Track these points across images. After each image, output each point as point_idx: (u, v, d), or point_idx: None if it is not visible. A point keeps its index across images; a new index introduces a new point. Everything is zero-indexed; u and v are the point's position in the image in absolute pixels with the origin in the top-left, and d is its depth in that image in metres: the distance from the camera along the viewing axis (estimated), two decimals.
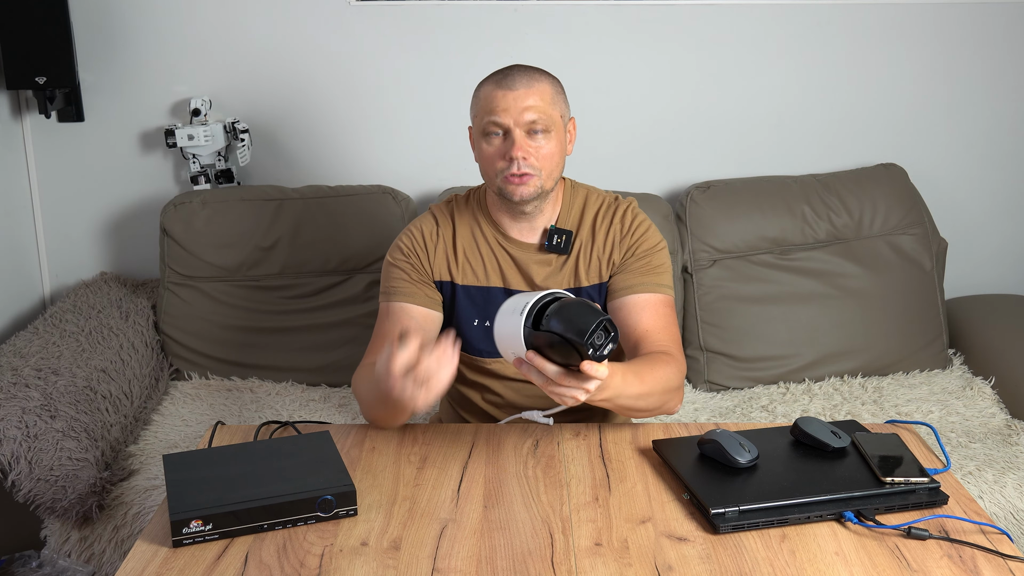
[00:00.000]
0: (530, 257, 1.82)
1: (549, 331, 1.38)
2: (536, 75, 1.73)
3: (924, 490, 1.43)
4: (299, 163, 2.81)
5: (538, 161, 1.71)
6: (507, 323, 1.43)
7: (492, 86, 1.73)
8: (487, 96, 1.73)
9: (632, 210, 1.85)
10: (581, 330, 1.36)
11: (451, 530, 1.39)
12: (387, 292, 1.82)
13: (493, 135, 1.73)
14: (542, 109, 1.70)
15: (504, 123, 1.70)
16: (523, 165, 1.70)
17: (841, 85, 2.81)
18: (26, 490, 1.96)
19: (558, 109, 1.74)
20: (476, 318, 1.83)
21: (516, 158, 1.69)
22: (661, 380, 1.64)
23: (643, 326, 1.76)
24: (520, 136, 1.70)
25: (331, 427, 1.71)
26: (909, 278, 2.67)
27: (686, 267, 2.64)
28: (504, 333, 1.44)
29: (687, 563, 1.31)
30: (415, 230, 1.85)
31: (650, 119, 2.81)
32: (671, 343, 1.75)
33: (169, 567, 1.31)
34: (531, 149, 1.71)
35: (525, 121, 1.70)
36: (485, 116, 1.73)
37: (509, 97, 1.70)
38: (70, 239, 2.84)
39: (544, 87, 1.72)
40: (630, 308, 1.78)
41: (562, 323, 1.37)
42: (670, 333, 1.77)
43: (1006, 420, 2.42)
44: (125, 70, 2.73)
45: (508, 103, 1.70)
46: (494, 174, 1.74)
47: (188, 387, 2.56)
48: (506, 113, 1.70)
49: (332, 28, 2.72)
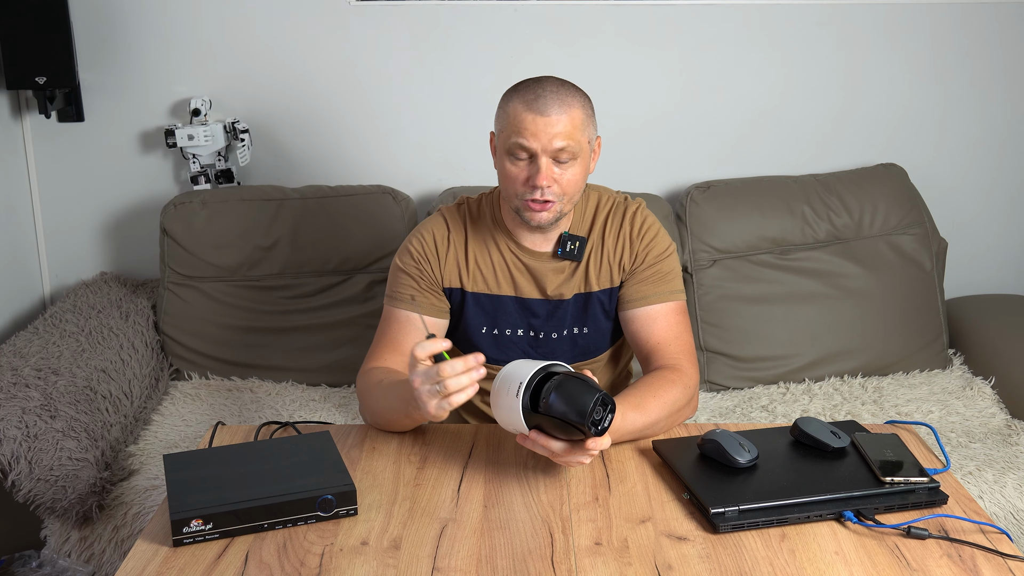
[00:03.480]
0: (544, 266, 1.80)
1: (549, 415, 1.40)
2: (568, 99, 1.66)
3: (924, 490, 1.43)
4: (299, 163, 2.82)
5: (561, 187, 1.68)
6: (505, 403, 1.44)
7: (523, 106, 1.65)
8: (516, 116, 1.66)
9: (640, 212, 1.83)
10: (581, 411, 1.38)
11: (451, 530, 1.39)
12: (393, 296, 1.80)
13: (518, 157, 1.68)
14: (571, 136, 1.65)
15: (532, 148, 1.65)
16: (547, 193, 1.67)
17: (841, 85, 2.81)
18: (26, 490, 1.96)
19: (587, 135, 1.70)
20: (484, 326, 1.83)
21: (540, 187, 1.66)
22: (667, 405, 1.64)
23: (655, 338, 1.76)
24: (546, 164, 1.66)
25: (331, 427, 1.71)
26: (909, 278, 2.67)
27: (686, 267, 2.64)
28: (504, 413, 1.46)
29: (687, 563, 1.31)
30: (426, 234, 1.82)
31: (650, 119, 2.82)
32: (682, 354, 1.74)
33: (169, 567, 1.31)
34: (556, 175, 1.67)
35: (553, 149, 1.65)
36: (512, 136, 1.66)
37: (539, 122, 1.64)
38: (70, 239, 2.84)
39: (576, 112, 1.66)
40: (643, 320, 1.78)
41: (561, 406, 1.39)
42: (683, 343, 1.76)
43: (1006, 420, 2.42)
44: (125, 70, 2.73)
45: (538, 128, 1.64)
46: (514, 195, 1.71)
47: (188, 387, 2.56)
48: (535, 138, 1.64)
49: (332, 28, 2.72)
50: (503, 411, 1.46)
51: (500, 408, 1.46)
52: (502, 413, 1.46)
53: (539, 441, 1.44)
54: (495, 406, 1.47)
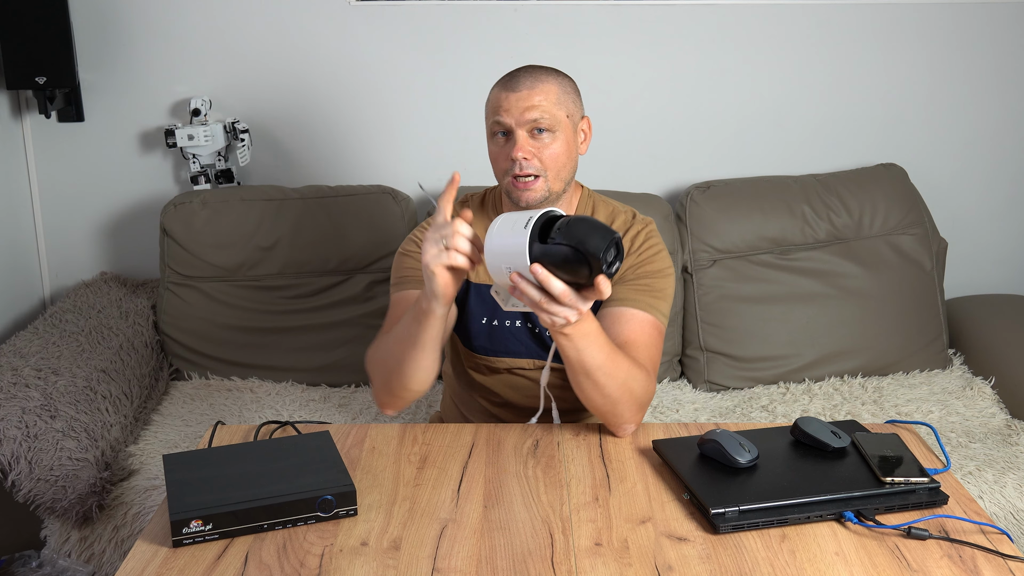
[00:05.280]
0: None
1: (562, 244, 1.33)
2: (543, 75, 1.72)
3: (924, 490, 1.43)
4: (299, 163, 2.82)
5: (542, 161, 1.70)
6: (507, 238, 1.38)
7: (499, 88, 1.73)
8: (494, 97, 1.73)
9: (646, 232, 1.81)
10: (597, 245, 1.32)
11: (451, 530, 1.39)
12: (400, 282, 1.79)
13: (498, 135, 1.73)
14: (545, 108, 1.69)
15: (507, 123, 1.70)
16: (526, 166, 1.69)
17: (841, 85, 2.81)
18: (26, 490, 1.96)
19: (564, 109, 1.72)
20: (485, 316, 1.83)
21: (517, 158, 1.69)
22: (626, 371, 1.58)
23: (625, 336, 1.69)
24: (522, 136, 1.69)
25: (331, 427, 1.71)
26: (909, 278, 2.67)
27: (686, 267, 2.64)
28: (503, 247, 1.39)
29: (687, 563, 1.31)
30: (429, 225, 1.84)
31: (650, 119, 2.82)
32: (648, 362, 1.68)
33: (169, 567, 1.31)
34: (534, 149, 1.69)
35: (527, 120, 1.69)
36: (491, 116, 1.73)
37: (512, 98, 1.70)
38: (70, 239, 2.84)
39: (549, 87, 1.71)
40: (617, 317, 1.72)
41: (576, 238, 1.33)
42: (650, 353, 1.70)
43: (1006, 420, 2.42)
44: (125, 70, 2.73)
45: (511, 104, 1.69)
46: (501, 175, 1.74)
47: (188, 387, 2.56)
48: (508, 113, 1.70)
49: (332, 28, 2.72)
50: (501, 245, 1.38)
51: (498, 243, 1.39)
52: (499, 247, 1.39)
53: (540, 276, 1.37)
54: (491, 245, 1.41)
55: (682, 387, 2.62)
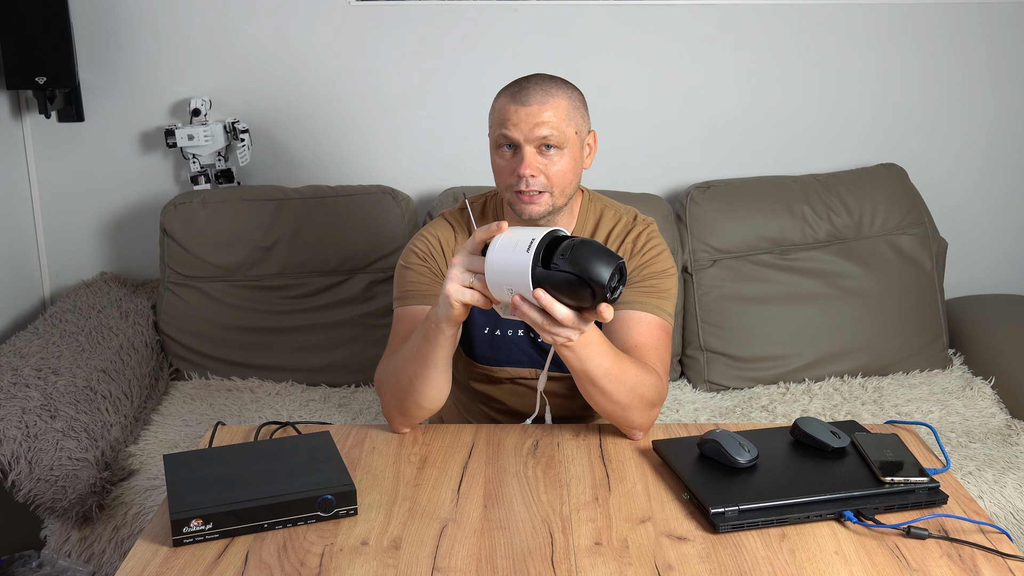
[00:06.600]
0: None
1: (564, 271, 1.33)
2: (553, 89, 1.68)
3: (924, 490, 1.43)
4: (299, 163, 2.82)
5: (549, 178, 1.67)
6: (509, 256, 1.37)
7: (507, 99, 1.68)
8: (501, 108, 1.68)
9: (648, 232, 1.81)
10: (600, 272, 1.32)
11: (451, 530, 1.39)
12: (403, 296, 1.77)
13: (504, 148, 1.69)
14: (555, 125, 1.65)
15: (514, 138, 1.66)
16: (532, 183, 1.66)
17: (841, 85, 2.81)
18: (26, 490, 1.96)
19: (573, 125, 1.69)
20: (487, 326, 1.82)
21: (524, 176, 1.66)
22: (634, 376, 1.58)
23: (634, 340, 1.69)
24: (530, 153, 1.66)
25: (331, 427, 1.71)
26: (909, 278, 2.67)
27: (686, 267, 2.64)
28: (504, 266, 1.38)
29: (687, 563, 1.31)
30: (430, 236, 1.81)
31: (650, 119, 2.82)
32: (658, 364, 1.68)
33: (169, 567, 1.31)
34: (541, 165, 1.66)
35: (536, 137, 1.65)
36: (498, 128, 1.69)
37: (521, 112, 1.65)
38: (70, 239, 2.84)
39: (560, 102, 1.67)
40: (624, 321, 1.72)
41: (580, 265, 1.32)
42: (659, 355, 1.70)
43: (1006, 420, 2.42)
44: (125, 70, 2.73)
45: (520, 118, 1.65)
46: (505, 187, 1.71)
47: (188, 387, 2.56)
48: (516, 128, 1.65)
49: (332, 28, 2.72)
50: (504, 264, 1.37)
51: (500, 262, 1.38)
52: (502, 267, 1.38)
53: (543, 301, 1.35)
54: (491, 268, 1.39)
55: (682, 387, 2.62)
